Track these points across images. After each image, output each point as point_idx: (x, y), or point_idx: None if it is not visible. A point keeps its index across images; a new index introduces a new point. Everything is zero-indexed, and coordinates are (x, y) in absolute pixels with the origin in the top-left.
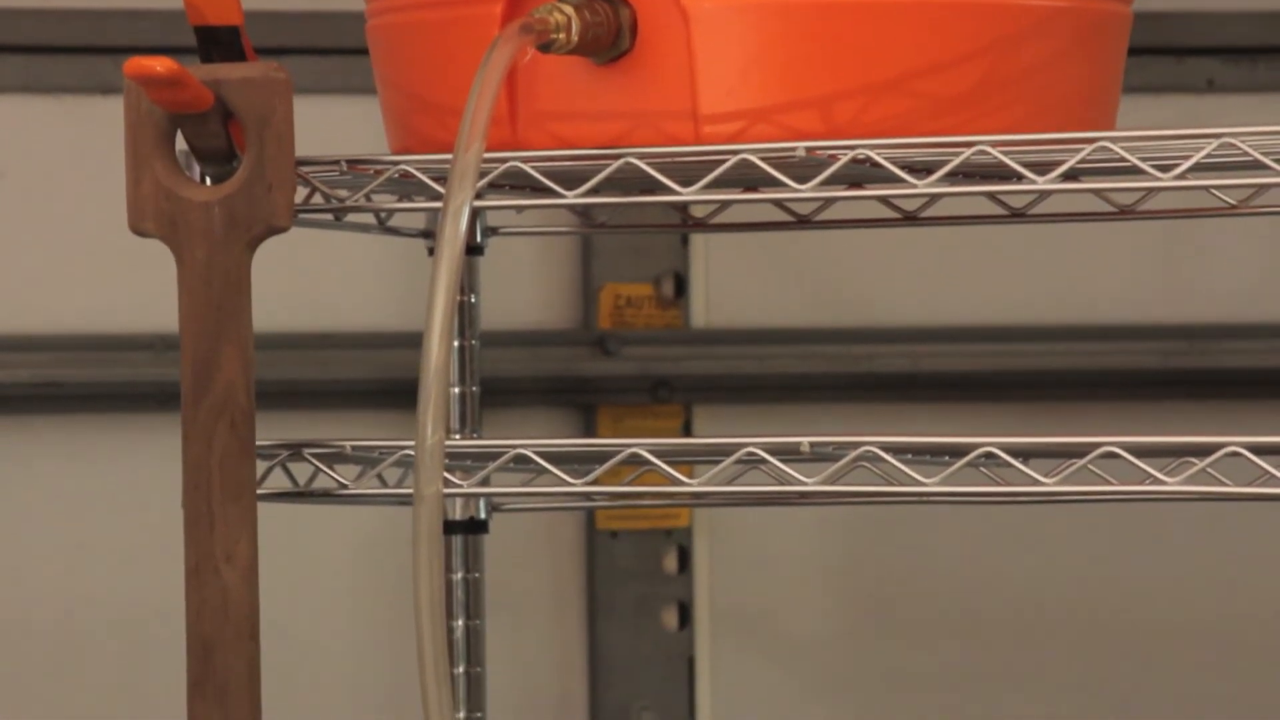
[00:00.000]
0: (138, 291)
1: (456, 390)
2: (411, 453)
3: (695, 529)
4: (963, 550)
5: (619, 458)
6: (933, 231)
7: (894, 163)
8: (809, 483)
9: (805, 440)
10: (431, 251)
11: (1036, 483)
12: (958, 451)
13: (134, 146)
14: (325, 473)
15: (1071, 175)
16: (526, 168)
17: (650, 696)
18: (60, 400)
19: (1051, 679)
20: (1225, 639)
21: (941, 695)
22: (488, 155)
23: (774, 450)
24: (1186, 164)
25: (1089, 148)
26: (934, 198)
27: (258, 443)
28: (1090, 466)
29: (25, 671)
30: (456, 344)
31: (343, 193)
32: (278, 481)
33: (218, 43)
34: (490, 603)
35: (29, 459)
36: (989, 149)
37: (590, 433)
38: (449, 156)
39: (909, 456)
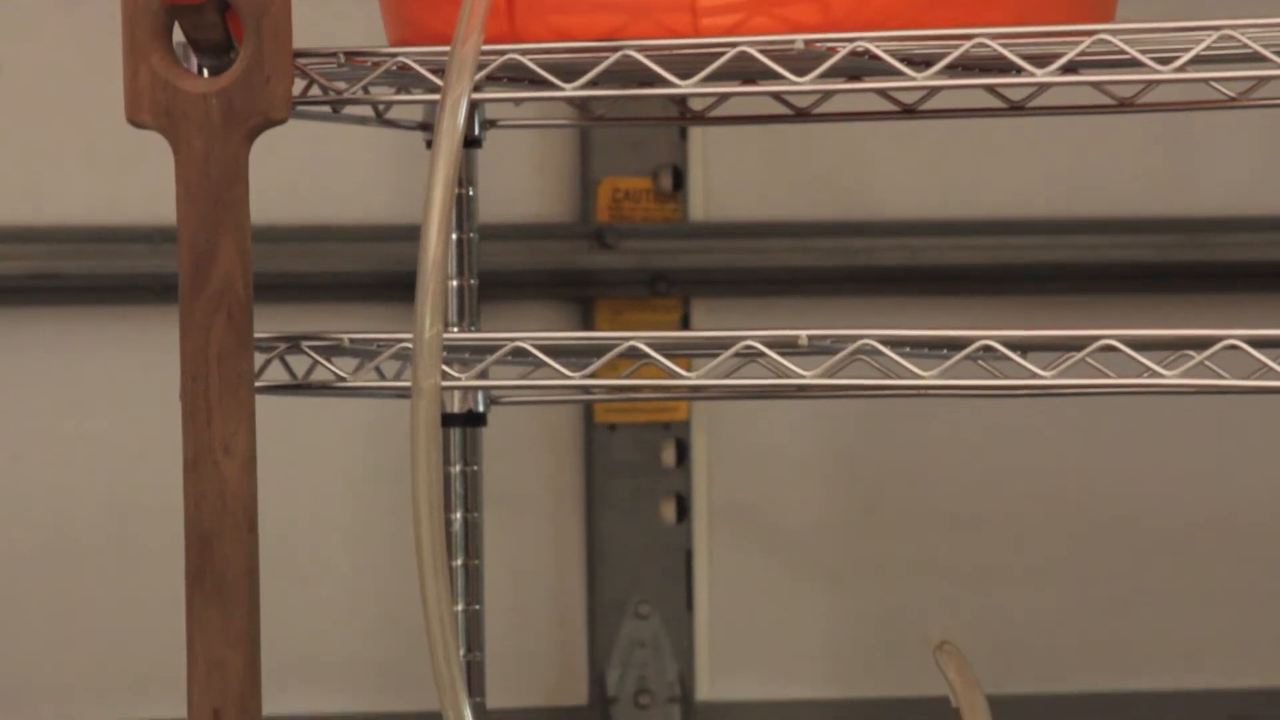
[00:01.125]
0: (136, 184)
1: (454, 283)
2: (409, 345)
3: (693, 422)
4: (960, 443)
5: (617, 351)
6: (932, 125)
7: (893, 55)
8: (807, 376)
9: (803, 333)
10: (429, 144)
11: (1034, 376)
12: (956, 345)
13: (131, 38)
14: (323, 365)
15: (1070, 68)
16: (525, 60)
17: (648, 589)
18: (58, 292)
19: (1047, 571)
20: (1222, 532)
21: (937, 587)
22: (486, 47)
23: (772, 343)
24: (1186, 56)
25: (1088, 40)
26: (933, 90)
27: (255, 335)
28: (1088, 360)
29: (23, 563)
30: (454, 237)
31: (340, 85)
32: (276, 374)
33: None
34: (488, 496)
35: (27, 351)
36: (988, 41)
37: (588, 326)
38: (447, 49)
39: (907, 350)
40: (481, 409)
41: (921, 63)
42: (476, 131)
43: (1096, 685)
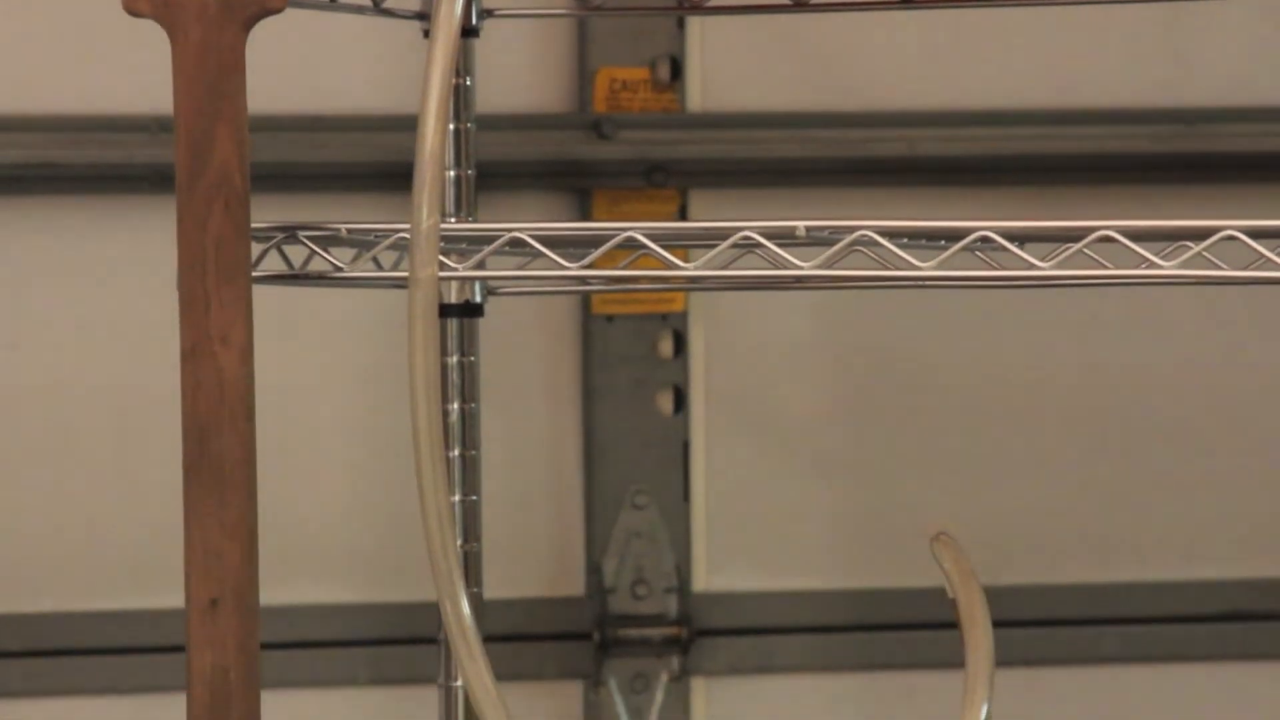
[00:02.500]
0: (133, 73)
1: (452, 174)
2: (407, 236)
3: (691, 313)
4: (957, 335)
5: (614, 241)
6: (931, 14)
7: None
8: (804, 267)
9: (801, 224)
10: (427, 34)
11: (1032, 267)
12: (953, 236)
13: None
14: (320, 255)
15: None
16: None
17: (645, 480)
18: (55, 181)
19: (1044, 463)
20: (1219, 424)
21: (934, 478)
22: None
23: (770, 234)
24: None
25: None
26: None
27: (252, 225)
28: (1086, 251)
29: (20, 454)
30: (452, 127)
31: None
32: (273, 264)
33: None
34: (485, 387)
35: (24, 240)
36: None
37: (586, 217)
38: None
39: (904, 241)
40: (479, 299)
41: None
42: (474, 21)
43: (1093, 576)
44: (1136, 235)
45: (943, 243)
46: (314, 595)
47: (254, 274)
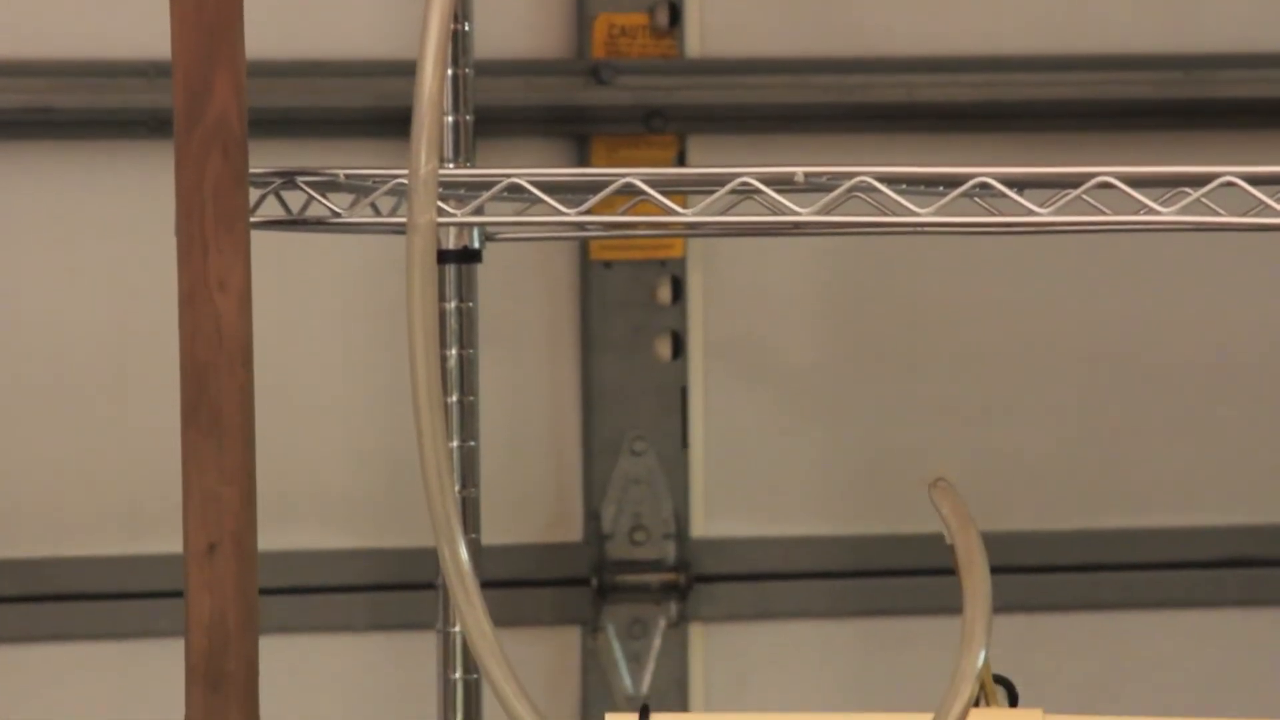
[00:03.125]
0: (131, 17)
1: (450, 119)
2: (405, 181)
3: (689, 259)
4: (956, 281)
5: (613, 187)
6: None
7: None
8: (803, 213)
9: (799, 170)
10: None
11: (1031, 213)
12: (952, 182)
13: None
14: (318, 201)
15: None
16: None
17: (643, 426)
18: (52, 126)
19: (1042, 409)
20: (1218, 370)
21: (933, 425)
22: None
23: (768, 180)
24: None
25: None
26: None
27: (250, 170)
28: (1085, 197)
29: (18, 398)
30: (450, 72)
31: None
32: (271, 209)
33: None
34: (483, 333)
35: (21, 186)
36: None
37: (584, 162)
38: None
39: (903, 187)
40: (477, 245)
41: None
42: None
43: (1091, 522)
44: (1135, 181)
45: (941, 188)
46: (312, 540)
47: (252, 219)
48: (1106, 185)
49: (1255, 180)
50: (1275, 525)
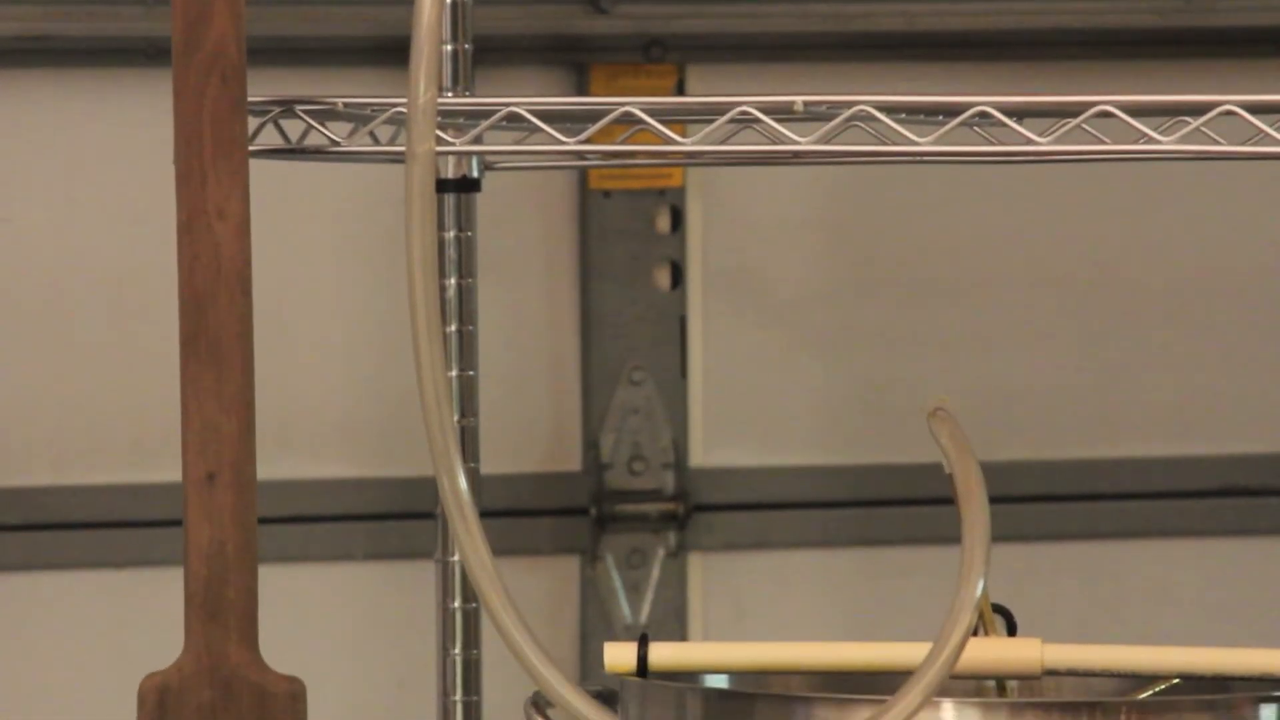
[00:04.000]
0: None
1: (449, 48)
2: (404, 110)
3: (688, 189)
4: (955, 210)
5: (612, 116)
6: None
7: None
8: (802, 142)
9: (799, 99)
10: None
11: (1030, 142)
12: (952, 111)
13: None
14: (317, 129)
15: None
16: None
17: (642, 356)
18: (50, 54)
19: (1042, 339)
20: (1216, 299)
21: (932, 354)
22: None
23: (767, 109)
24: None
25: None
26: None
27: (249, 99)
28: (1085, 126)
29: (17, 327)
30: (449, 1)
31: None
32: (269, 138)
33: None
34: (482, 262)
35: (18, 114)
36: None
37: (583, 92)
38: None
39: (903, 116)
40: (476, 174)
41: None
42: None
43: (1089, 452)
44: (1135, 110)
45: (941, 118)
46: (311, 470)
47: (250, 148)
48: (1106, 114)
49: (1255, 109)
50: (1272, 454)
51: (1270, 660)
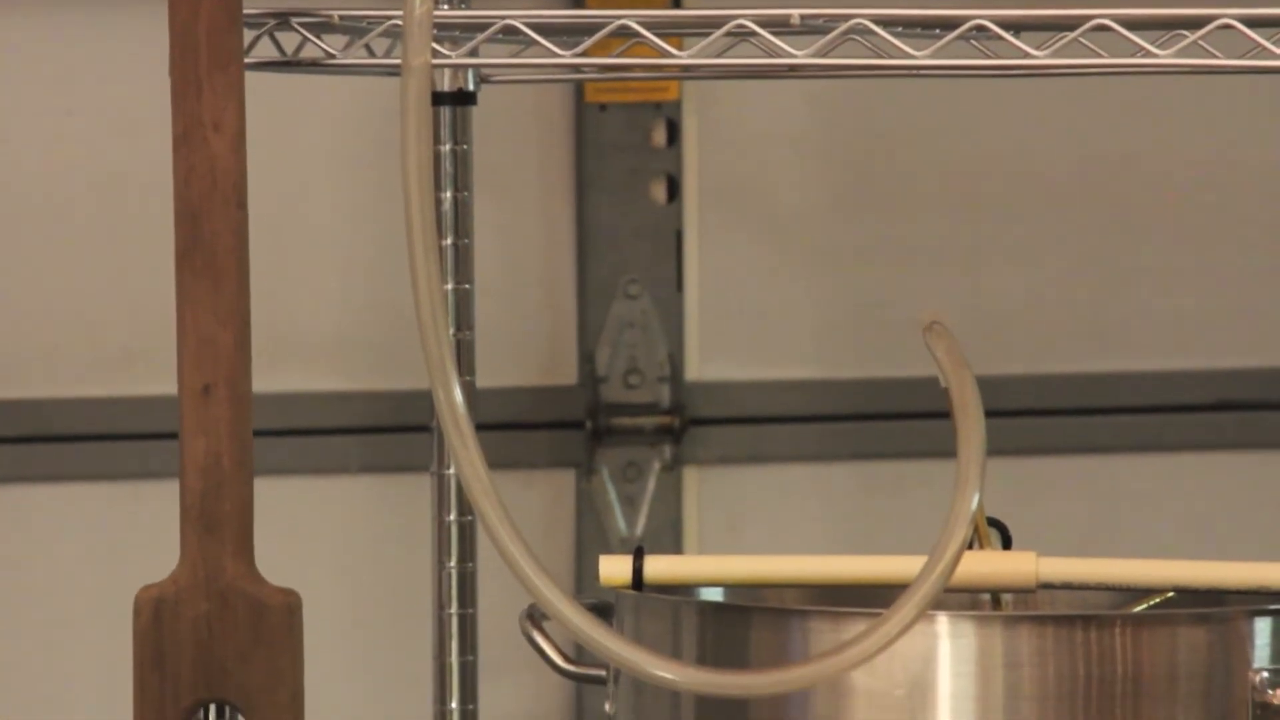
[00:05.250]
0: None
1: None
2: (399, 23)
3: (684, 102)
4: (952, 124)
5: (608, 29)
6: None
7: None
8: (799, 55)
9: (795, 13)
10: None
11: (1027, 55)
12: (949, 24)
13: None
14: (313, 42)
15: None
16: None
17: (638, 269)
18: None
19: (1038, 252)
20: (1212, 213)
21: (927, 268)
22: None
23: (764, 23)
24: None
25: None
26: None
27: (244, 10)
28: (1082, 39)
29: (12, 241)
30: None
31: None
32: (265, 50)
33: None
34: (478, 175)
35: (13, 25)
36: None
37: (579, 4)
38: None
39: (899, 29)
40: (472, 87)
41: None
42: None
43: (1085, 365)
44: (1132, 24)
45: (938, 31)
46: (307, 383)
47: (246, 61)
48: (1103, 28)
49: (1253, 23)
50: (1269, 368)
51: (1265, 573)
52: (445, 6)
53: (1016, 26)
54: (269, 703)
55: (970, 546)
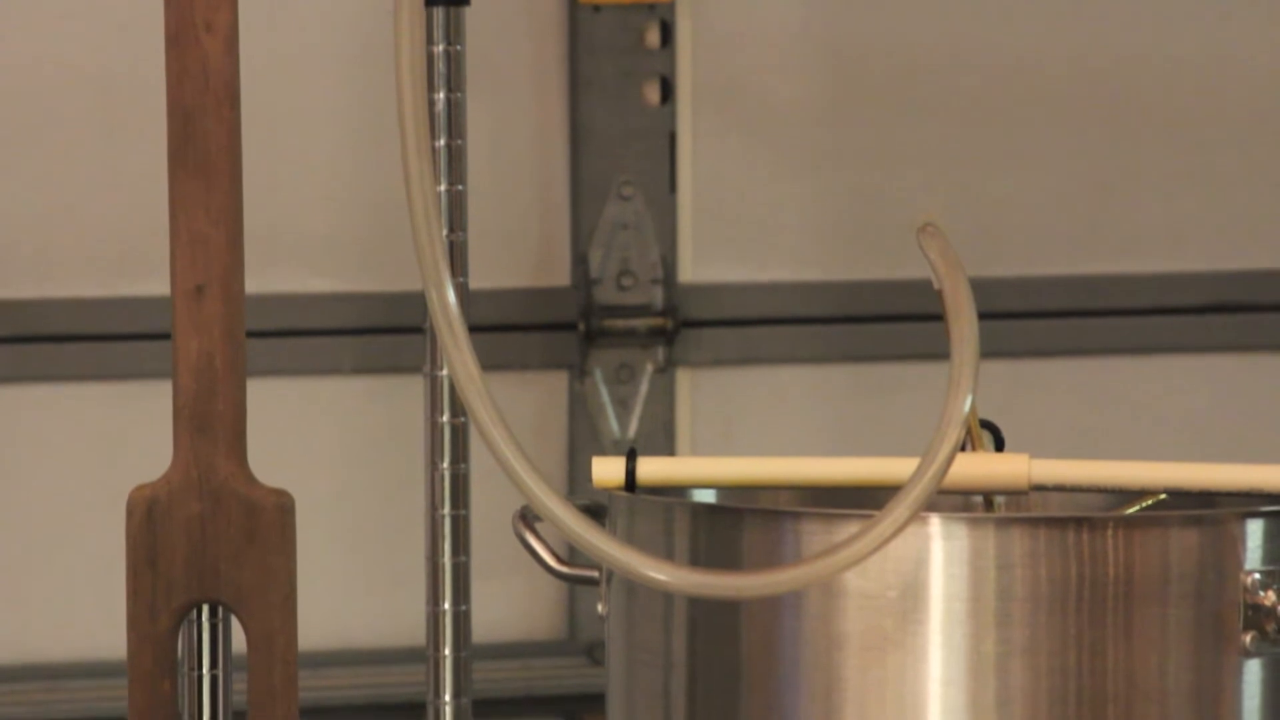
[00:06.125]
0: None
1: None
2: None
3: (678, 3)
4: (946, 26)
5: None
6: None
7: None
8: None
9: None
10: None
11: None
12: None
13: None
14: None
15: None
16: None
17: (631, 171)
18: None
19: (1033, 155)
20: (1208, 116)
21: (923, 170)
22: None
23: None
24: None
25: None
26: None
27: None
28: None
29: (4, 140)
30: None
31: None
32: None
33: None
34: (471, 76)
35: None
36: None
37: None
38: None
39: None
40: None
41: None
42: None
43: (1079, 268)
44: None
45: None
46: (300, 284)
47: None
48: None
49: None
50: (1263, 270)
51: (1257, 475)
52: None
53: None
54: (261, 602)
55: (963, 448)
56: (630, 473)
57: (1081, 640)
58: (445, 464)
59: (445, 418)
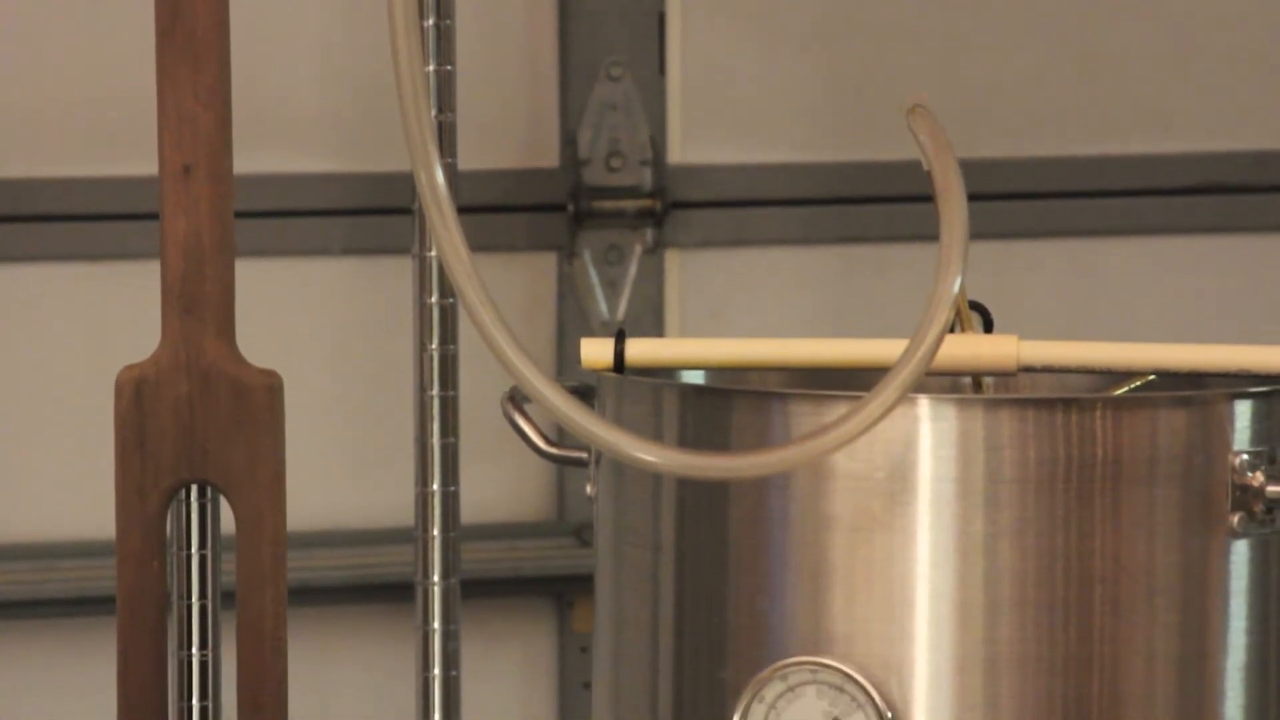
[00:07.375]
0: None
1: None
2: None
3: None
4: None
5: None
6: None
7: None
8: None
9: None
10: None
11: None
12: None
13: None
14: None
15: None
16: None
17: (620, 51)
18: None
19: (1024, 35)
20: None
21: (912, 51)
22: None
23: None
24: None
25: None
26: None
27: None
28: None
29: None
30: None
31: None
32: None
33: None
34: None
35: None
36: None
37: None
38: None
39: None
40: None
41: None
42: None
43: (1069, 149)
44: None
45: None
46: (288, 164)
47: None
48: None
49: None
50: (1249, 151)
51: (1245, 356)
52: None
53: None
54: (250, 483)
55: (952, 329)
56: (619, 354)
57: (1069, 521)
58: (434, 345)
59: (434, 299)
